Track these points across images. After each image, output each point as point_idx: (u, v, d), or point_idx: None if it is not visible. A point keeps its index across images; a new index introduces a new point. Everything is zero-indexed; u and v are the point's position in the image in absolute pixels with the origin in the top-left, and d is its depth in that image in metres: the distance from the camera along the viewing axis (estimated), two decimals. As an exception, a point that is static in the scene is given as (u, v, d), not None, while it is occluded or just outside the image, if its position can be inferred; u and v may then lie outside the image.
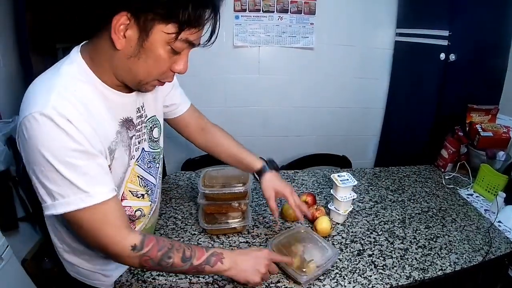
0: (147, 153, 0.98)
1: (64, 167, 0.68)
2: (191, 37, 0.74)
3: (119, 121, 0.83)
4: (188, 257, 0.82)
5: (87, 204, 0.71)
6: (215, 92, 2.30)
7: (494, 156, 1.60)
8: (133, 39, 0.71)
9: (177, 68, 0.79)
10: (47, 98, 0.68)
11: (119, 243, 0.76)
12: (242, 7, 2.10)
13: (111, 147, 0.80)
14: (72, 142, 0.68)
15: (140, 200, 0.96)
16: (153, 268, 0.82)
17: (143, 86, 0.80)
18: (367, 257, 1.10)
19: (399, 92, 2.31)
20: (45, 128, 0.66)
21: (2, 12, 1.79)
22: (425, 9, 2.00)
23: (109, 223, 0.75)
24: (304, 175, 1.68)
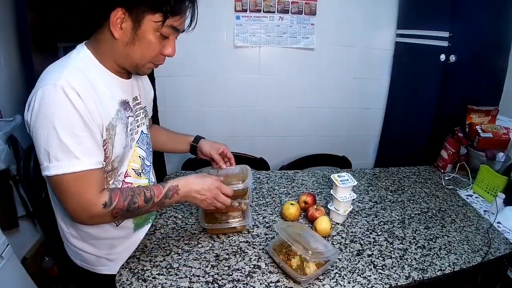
0: (145, 135, 1.13)
1: (65, 134, 0.79)
2: (175, 23, 0.88)
3: (118, 101, 0.96)
4: (149, 197, 0.93)
5: (77, 169, 0.81)
6: (216, 92, 2.31)
7: (494, 157, 1.60)
8: (128, 29, 0.86)
9: (166, 51, 0.94)
10: (60, 73, 0.80)
11: (95, 205, 0.85)
12: (243, 7, 2.11)
13: (112, 122, 0.92)
14: (76, 114, 0.80)
15: (140, 178, 1.08)
16: (123, 216, 0.93)
17: (140, 69, 0.95)
18: (367, 257, 1.10)
19: (399, 93, 2.31)
20: (56, 97, 0.78)
21: (4, 12, 1.80)
22: (425, 10, 2.00)
23: (91, 188, 0.85)
24: (304, 175, 1.68)
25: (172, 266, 1.02)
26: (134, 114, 1.04)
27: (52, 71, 0.84)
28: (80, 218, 0.87)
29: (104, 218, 0.89)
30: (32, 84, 0.84)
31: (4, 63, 1.79)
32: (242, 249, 1.11)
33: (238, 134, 2.43)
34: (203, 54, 2.19)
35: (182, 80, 2.22)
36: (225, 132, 2.41)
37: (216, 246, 1.12)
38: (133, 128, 1.04)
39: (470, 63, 1.79)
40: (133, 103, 1.04)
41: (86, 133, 0.82)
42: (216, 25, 2.15)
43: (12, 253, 1.39)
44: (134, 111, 1.04)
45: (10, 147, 1.65)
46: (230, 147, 2.28)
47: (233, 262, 1.05)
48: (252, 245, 1.13)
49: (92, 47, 0.91)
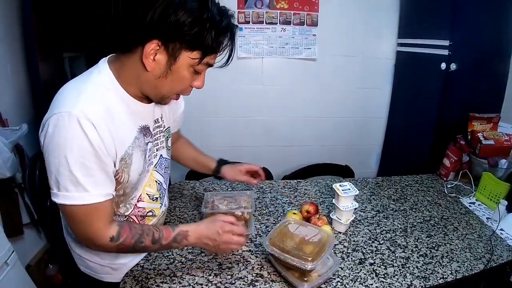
0: (164, 159, 1.11)
1: (75, 165, 0.77)
2: (211, 61, 0.87)
3: (137, 128, 0.93)
4: (157, 239, 0.90)
5: (85, 202, 0.80)
6: (219, 102, 2.34)
7: (496, 164, 1.60)
8: (162, 62, 0.82)
9: (195, 84, 0.92)
10: (77, 100, 0.78)
11: (101, 236, 0.85)
12: (246, 19, 2.14)
13: (128, 151, 0.89)
14: (90, 146, 0.77)
15: (154, 203, 1.08)
16: (128, 251, 0.92)
17: (164, 99, 0.94)
18: (369, 265, 1.10)
19: (401, 102, 2.33)
20: (71, 127, 0.75)
21: (11, 21, 1.84)
22: (425, 19, 2.03)
23: (99, 220, 0.84)
24: (307, 184, 1.69)
25: (175, 274, 1.03)
26: (153, 139, 1.02)
27: (69, 94, 0.81)
28: (86, 244, 0.89)
29: (109, 249, 0.89)
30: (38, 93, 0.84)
31: (11, 73, 1.82)
32: (245, 258, 1.12)
33: (241, 144, 2.45)
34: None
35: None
36: (228, 142, 2.43)
37: (219, 255, 1.12)
38: (152, 153, 1.02)
39: (471, 71, 1.81)
40: (153, 127, 1.01)
41: (98, 166, 0.80)
42: (219, 36, 2.18)
43: (17, 259, 1.40)
44: (154, 135, 1.02)
45: (16, 155, 1.67)
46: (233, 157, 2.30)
47: (236, 271, 1.06)
48: (255, 254, 1.14)
49: (115, 69, 0.87)
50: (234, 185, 1.65)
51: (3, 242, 1.36)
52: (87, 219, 0.82)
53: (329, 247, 1.01)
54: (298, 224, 1.11)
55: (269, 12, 2.15)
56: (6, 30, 1.79)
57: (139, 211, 1.03)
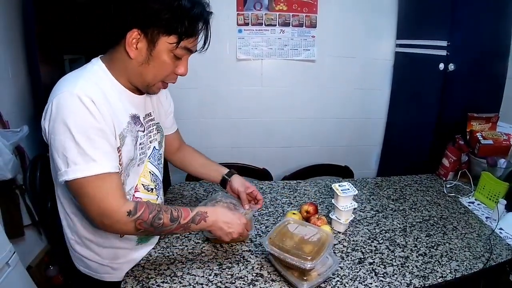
0: (157, 151, 1.14)
1: (82, 138, 0.81)
2: (188, 45, 0.92)
3: (129, 114, 0.98)
4: (176, 217, 0.93)
5: (95, 172, 0.82)
6: (219, 103, 2.34)
7: (495, 164, 1.61)
8: (143, 49, 0.89)
9: (179, 71, 0.97)
10: (76, 83, 0.84)
11: (119, 210, 0.85)
12: (245, 21, 2.16)
13: (123, 133, 0.94)
14: (93, 119, 0.82)
15: (150, 194, 1.10)
16: (147, 230, 0.90)
17: (150, 88, 0.98)
18: (368, 265, 1.10)
19: (400, 102, 2.33)
20: (73, 104, 0.80)
21: (12, 24, 1.85)
22: (424, 20, 2.04)
23: (112, 192, 0.85)
24: (307, 185, 1.69)
25: (176, 274, 1.04)
26: (145, 130, 1.06)
27: (67, 80, 0.87)
28: (102, 223, 0.86)
29: (126, 226, 0.87)
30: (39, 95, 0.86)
31: (12, 75, 1.83)
32: (245, 257, 1.13)
33: (241, 145, 2.45)
34: (206, 67, 2.23)
35: (185, 92, 2.26)
36: (228, 143, 2.44)
37: (219, 255, 1.13)
38: (145, 143, 1.06)
39: (469, 71, 1.82)
40: (145, 119, 1.06)
41: (102, 138, 0.84)
42: (218, 38, 2.20)
43: (18, 260, 1.40)
44: (146, 127, 1.06)
45: (17, 157, 1.68)
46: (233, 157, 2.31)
47: (236, 270, 1.06)
48: (254, 254, 1.14)
49: (107, 63, 0.95)
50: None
51: (4, 243, 1.36)
52: (100, 192, 0.83)
53: (329, 247, 1.01)
54: (298, 224, 1.12)
55: (268, 14, 2.16)
56: (7, 32, 1.80)
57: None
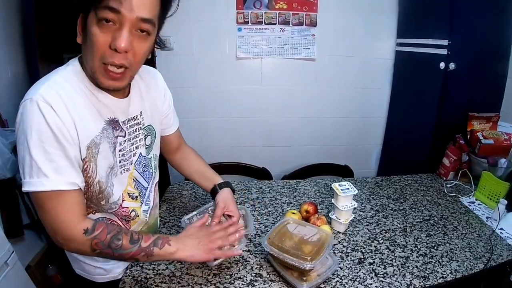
0: (143, 157, 1.05)
1: (36, 149, 0.75)
2: (107, 2, 0.74)
3: (105, 119, 0.89)
4: (136, 239, 0.85)
5: (46, 188, 0.76)
6: (218, 103, 2.34)
7: (496, 164, 1.60)
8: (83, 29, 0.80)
9: (113, 43, 0.76)
10: (38, 88, 0.77)
11: (73, 228, 0.80)
12: (245, 19, 2.15)
13: (95, 140, 0.86)
14: (48, 129, 0.75)
15: (134, 201, 1.03)
16: (103, 251, 0.83)
17: (96, 76, 0.81)
18: (368, 265, 1.10)
19: (400, 101, 2.33)
20: (32, 112, 0.74)
21: (12, 23, 1.85)
22: (424, 19, 2.03)
23: (66, 209, 0.79)
24: (306, 184, 1.69)
25: (174, 274, 1.03)
26: (128, 135, 0.97)
27: (35, 86, 0.80)
28: (55, 238, 0.81)
29: (82, 246, 0.81)
30: None
31: (11, 74, 1.83)
32: (244, 257, 1.12)
33: (241, 144, 2.45)
34: (205, 66, 2.22)
35: (185, 91, 2.25)
36: (227, 143, 2.43)
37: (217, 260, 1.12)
38: (126, 150, 0.97)
39: (470, 70, 1.81)
40: (127, 124, 0.96)
41: (58, 151, 0.77)
42: (218, 37, 2.19)
43: (17, 260, 1.40)
44: (129, 132, 0.97)
45: (16, 156, 1.67)
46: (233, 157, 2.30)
47: (235, 270, 1.06)
48: (254, 254, 1.14)
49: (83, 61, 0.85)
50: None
51: (3, 242, 1.36)
52: (53, 208, 0.78)
53: (328, 247, 1.01)
54: (297, 224, 1.11)
55: (268, 12, 2.15)
56: (6, 31, 1.80)
57: (123, 211, 0.99)
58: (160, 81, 1.12)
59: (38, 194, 0.77)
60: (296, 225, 1.10)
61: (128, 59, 0.80)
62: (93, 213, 0.94)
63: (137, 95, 1.00)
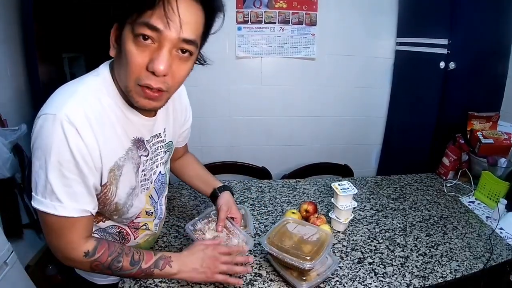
0: (161, 175, 1.03)
1: (53, 172, 0.70)
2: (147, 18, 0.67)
3: (131, 139, 0.85)
4: (137, 260, 0.83)
5: (57, 213, 0.73)
6: (218, 102, 2.33)
7: (496, 163, 1.60)
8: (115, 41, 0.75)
9: (150, 65, 0.70)
10: (65, 103, 0.71)
11: (75, 249, 0.79)
12: (245, 18, 2.14)
13: (119, 162, 0.82)
14: (69, 153, 0.70)
15: (149, 217, 1.02)
16: (103, 272, 0.83)
17: (131, 95, 0.75)
18: (368, 265, 1.10)
19: (400, 101, 2.32)
20: (54, 131, 0.69)
21: (10, 23, 1.84)
22: (424, 18, 2.02)
23: (73, 232, 0.77)
24: (306, 184, 1.69)
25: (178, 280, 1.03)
26: (150, 154, 0.94)
27: (60, 95, 0.74)
28: (57, 255, 0.81)
29: (81, 265, 0.81)
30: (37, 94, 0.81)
31: (10, 74, 1.82)
32: (243, 257, 1.12)
33: (240, 144, 2.44)
34: (205, 65, 2.21)
35: (185, 90, 2.24)
36: (227, 142, 2.43)
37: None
38: (148, 169, 0.95)
39: (470, 70, 1.81)
40: (151, 142, 0.93)
41: (77, 177, 0.73)
42: (217, 36, 2.17)
43: (16, 260, 1.40)
44: (152, 150, 0.94)
45: (15, 155, 1.67)
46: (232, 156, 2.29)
47: (235, 270, 1.06)
48: (253, 254, 1.13)
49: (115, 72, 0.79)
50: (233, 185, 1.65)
51: (2, 242, 1.36)
52: (60, 230, 0.76)
53: (328, 246, 1.01)
54: (297, 223, 1.11)
55: (268, 11, 2.14)
56: (6, 31, 1.80)
57: (134, 225, 0.99)
58: (184, 96, 1.10)
59: (48, 215, 0.74)
60: (296, 225, 1.10)
61: (166, 83, 0.74)
62: (103, 221, 0.93)
63: (163, 112, 0.95)
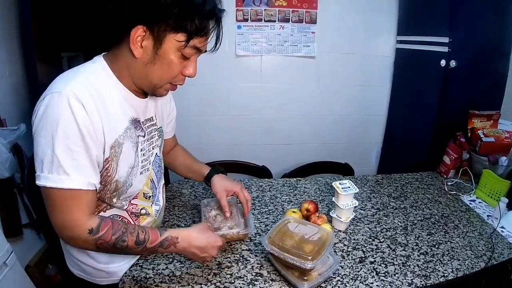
0: (158, 158, 1.10)
1: (60, 146, 0.75)
2: (198, 44, 0.85)
3: (129, 119, 0.93)
4: (142, 240, 0.86)
5: (65, 185, 0.77)
6: (218, 100, 2.33)
7: (497, 162, 1.60)
8: (149, 48, 0.82)
9: (187, 72, 0.90)
10: (68, 82, 0.78)
11: (80, 227, 0.81)
12: (244, 17, 2.13)
13: (119, 140, 0.88)
14: (76, 127, 0.76)
15: (146, 200, 1.06)
16: (109, 250, 0.86)
17: (157, 90, 0.91)
18: (369, 264, 1.09)
19: (401, 99, 2.32)
20: (60, 107, 0.75)
21: (9, 21, 1.83)
22: (425, 16, 2.02)
23: (78, 208, 0.81)
24: (307, 183, 1.68)
25: (174, 274, 1.03)
26: (146, 135, 1.01)
27: (63, 78, 0.81)
28: (62, 235, 0.83)
29: (86, 244, 0.83)
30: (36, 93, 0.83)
31: (9, 73, 1.81)
32: (244, 257, 1.11)
33: (240, 143, 2.44)
34: (204, 63, 2.19)
35: (184, 89, 2.21)
36: (227, 141, 2.42)
37: (218, 254, 1.12)
38: (146, 150, 1.01)
39: (471, 68, 1.80)
40: (146, 124, 1.01)
41: (82, 149, 0.78)
42: (217, 34, 2.17)
43: (16, 260, 1.40)
44: (147, 132, 1.01)
45: (14, 155, 1.66)
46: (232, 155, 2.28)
47: (235, 270, 1.05)
48: (254, 253, 1.13)
49: (110, 61, 0.88)
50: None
51: (2, 242, 1.35)
52: (66, 205, 0.79)
53: (329, 246, 1.00)
54: (298, 223, 1.11)
55: (268, 9, 2.13)
56: (4, 30, 1.78)
57: (132, 208, 1.01)
58: None
59: (54, 190, 0.77)
60: (297, 224, 1.10)
61: None
62: (104, 210, 0.96)
63: (152, 98, 1.04)
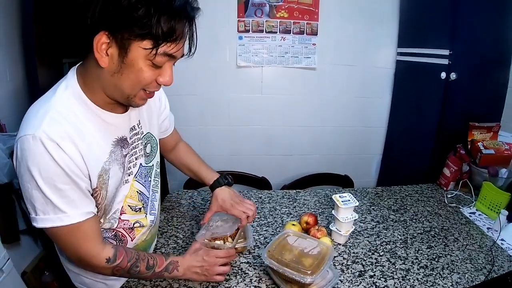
0: (144, 168, 1.02)
1: (47, 188, 0.74)
2: (169, 50, 0.75)
3: (113, 141, 0.88)
4: (151, 265, 0.93)
5: (64, 223, 0.77)
6: (218, 111, 2.34)
7: (497, 174, 1.59)
8: (115, 56, 0.73)
9: (162, 80, 0.80)
10: (40, 121, 0.73)
11: (96, 256, 0.84)
12: (246, 28, 2.15)
13: (105, 166, 0.85)
14: (57, 167, 0.73)
15: (138, 214, 1.01)
16: (122, 275, 0.92)
17: (132, 100, 0.82)
18: (368, 278, 1.08)
19: (401, 111, 2.32)
20: (35, 150, 0.71)
21: (10, 26, 1.84)
22: (426, 29, 2.04)
23: (86, 239, 0.82)
24: (306, 195, 1.68)
25: (172, 286, 1.02)
26: (130, 148, 0.95)
27: (33, 115, 0.75)
28: (81, 266, 0.88)
29: (103, 270, 0.87)
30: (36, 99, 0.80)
31: (10, 78, 1.82)
32: (243, 270, 1.11)
33: (240, 153, 2.44)
34: (206, 74, 2.22)
35: (185, 99, 2.25)
36: (227, 151, 2.42)
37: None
38: (130, 163, 0.96)
39: (471, 80, 1.81)
40: (130, 136, 0.95)
41: (70, 186, 0.76)
42: (219, 45, 2.19)
43: (13, 267, 1.39)
44: (132, 146, 0.96)
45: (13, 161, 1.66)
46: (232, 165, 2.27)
47: (234, 283, 1.04)
48: (253, 266, 1.12)
49: (81, 77, 0.81)
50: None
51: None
52: (74, 239, 0.80)
53: (329, 260, 0.99)
54: (297, 236, 1.10)
55: (269, 21, 2.16)
56: (5, 35, 1.79)
57: (124, 224, 0.98)
58: None
59: (58, 229, 0.77)
60: (297, 238, 1.09)
61: None
62: None
63: None
